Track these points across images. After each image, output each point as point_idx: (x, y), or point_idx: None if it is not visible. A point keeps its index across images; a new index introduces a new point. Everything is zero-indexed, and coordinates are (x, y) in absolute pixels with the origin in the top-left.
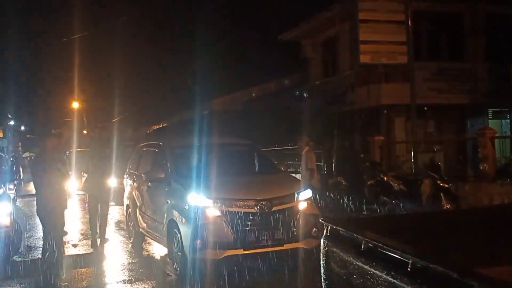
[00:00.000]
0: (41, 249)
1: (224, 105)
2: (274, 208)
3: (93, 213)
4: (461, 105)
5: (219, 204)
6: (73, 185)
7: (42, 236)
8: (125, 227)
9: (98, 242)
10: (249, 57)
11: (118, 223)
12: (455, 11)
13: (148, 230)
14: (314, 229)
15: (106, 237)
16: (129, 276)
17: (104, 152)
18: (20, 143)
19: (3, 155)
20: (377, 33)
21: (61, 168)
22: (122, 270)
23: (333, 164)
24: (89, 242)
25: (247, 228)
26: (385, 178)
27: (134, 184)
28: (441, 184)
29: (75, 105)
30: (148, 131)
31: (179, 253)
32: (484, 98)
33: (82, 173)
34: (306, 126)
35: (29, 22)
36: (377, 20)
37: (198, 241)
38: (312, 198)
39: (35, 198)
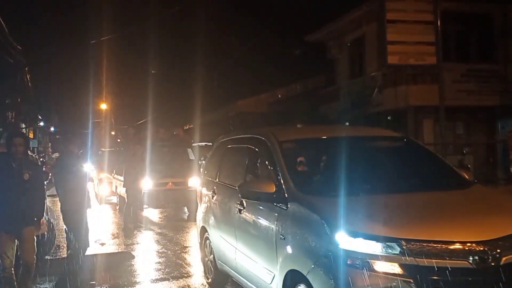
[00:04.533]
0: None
1: (249, 107)
2: (503, 260)
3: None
4: (491, 107)
5: (396, 252)
6: (104, 189)
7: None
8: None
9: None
10: (274, 59)
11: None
12: (485, 11)
13: (240, 273)
14: None
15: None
16: None
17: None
18: (50, 144)
19: (33, 155)
20: (405, 34)
21: (81, 170)
22: None
23: None
24: (118, 241)
25: None
26: None
27: (215, 198)
28: None
29: (103, 106)
30: (185, 128)
31: None
32: None
33: (113, 174)
34: None
35: (59, 24)
36: (405, 21)
37: None
38: None
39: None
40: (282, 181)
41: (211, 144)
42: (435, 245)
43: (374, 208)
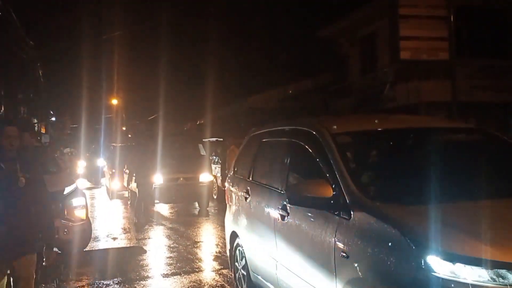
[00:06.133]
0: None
1: (259, 103)
2: None
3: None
4: (505, 103)
5: (511, 283)
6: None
7: None
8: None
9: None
10: (285, 54)
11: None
12: (499, 7)
13: None
14: None
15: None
16: None
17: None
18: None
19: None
20: (418, 29)
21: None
22: None
23: None
24: (129, 236)
25: None
26: None
27: (249, 199)
28: None
29: (115, 102)
30: (198, 123)
31: None
32: None
33: (124, 169)
34: None
35: (71, 20)
36: (418, 16)
37: None
38: None
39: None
40: (341, 184)
41: (222, 140)
42: None
43: (473, 220)
